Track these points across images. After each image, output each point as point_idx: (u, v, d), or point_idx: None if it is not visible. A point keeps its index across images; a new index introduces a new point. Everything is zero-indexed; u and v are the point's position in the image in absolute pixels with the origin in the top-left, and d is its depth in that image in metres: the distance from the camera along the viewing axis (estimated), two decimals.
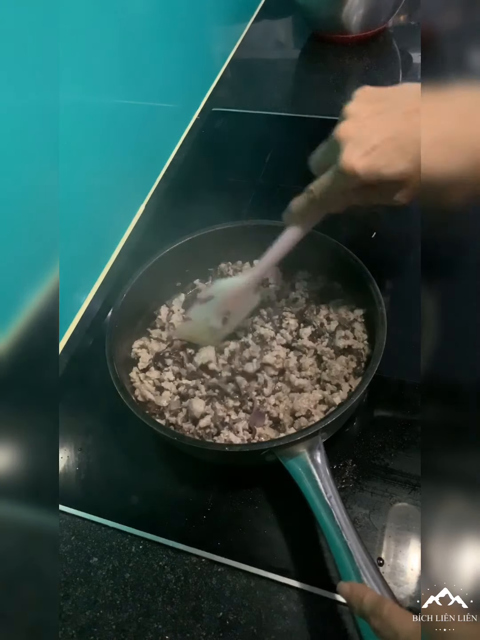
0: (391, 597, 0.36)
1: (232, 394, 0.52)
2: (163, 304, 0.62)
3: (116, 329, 0.52)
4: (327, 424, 0.43)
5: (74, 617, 0.45)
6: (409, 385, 0.55)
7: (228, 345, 0.55)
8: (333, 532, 0.40)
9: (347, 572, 0.38)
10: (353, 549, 0.38)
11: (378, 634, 0.31)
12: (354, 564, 0.38)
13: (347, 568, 0.38)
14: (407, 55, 1.04)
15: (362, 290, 0.52)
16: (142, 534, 0.49)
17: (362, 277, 0.52)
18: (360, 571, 0.37)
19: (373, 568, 0.38)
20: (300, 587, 0.45)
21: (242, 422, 0.50)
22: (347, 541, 0.39)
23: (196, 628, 0.44)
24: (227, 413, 0.51)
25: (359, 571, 0.37)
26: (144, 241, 0.75)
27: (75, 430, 0.56)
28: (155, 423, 0.46)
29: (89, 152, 0.64)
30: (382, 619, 0.30)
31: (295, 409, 0.49)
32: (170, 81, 0.84)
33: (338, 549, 0.39)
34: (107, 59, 0.65)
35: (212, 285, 0.56)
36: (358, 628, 0.35)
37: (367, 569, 0.38)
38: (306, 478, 0.42)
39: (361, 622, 0.34)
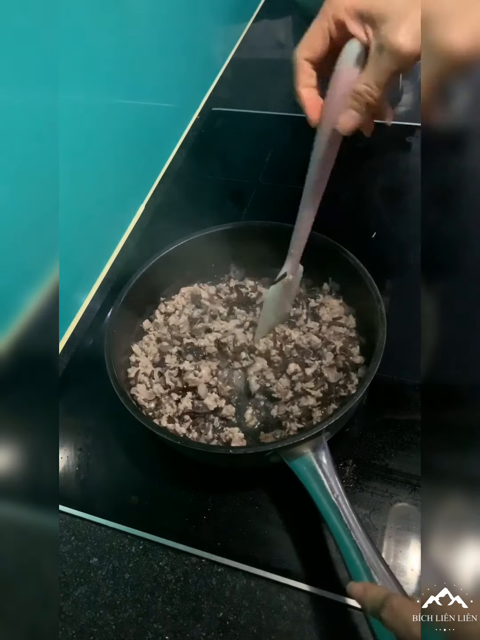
0: (402, 593, 0.36)
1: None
2: (162, 305, 0.62)
3: (114, 333, 0.52)
4: (330, 423, 0.43)
5: (74, 617, 0.45)
6: (409, 385, 0.55)
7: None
8: (341, 531, 0.40)
9: (357, 570, 0.38)
10: (362, 547, 0.38)
11: (390, 627, 0.30)
12: (364, 562, 0.38)
13: (357, 567, 0.38)
14: None
15: (361, 291, 0.52)
16: (142, 534, 0.49)
17: (361, 277, 0.52)
18: (371, 569, 0.37)
19: (383, 566, 0.38)
20: (300, 588, 0.45)
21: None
22: (356, 540, 0.39)
23: (196, 628, 0.44)
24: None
25: (370, 569, 0.37)
26: (144, 241, 0.75)
27: (75, 430, 0.56)
28: (158, 428, 0.46)
29: (88, 152, 0.64)
30: (393, 612, 0.30)
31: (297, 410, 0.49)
32: (170, 81, 0.84)
33: (347, 548, 0.39)
34: (107, 58, 0.65)
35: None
36: (372, 629, 0.35)
37: (377, 566, 0.38)
38: (312, 478, 0.42)
39: (375, 623, 0.34)
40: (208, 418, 0.53)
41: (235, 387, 0.55)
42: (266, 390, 0.54)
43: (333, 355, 0.53)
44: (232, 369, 0.56)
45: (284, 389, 0.52)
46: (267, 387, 0.53)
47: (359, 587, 0.35)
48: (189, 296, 0.62)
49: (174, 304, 0.62)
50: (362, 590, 0.34)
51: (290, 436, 0.48)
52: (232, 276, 0.64)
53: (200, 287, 0.63)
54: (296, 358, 0.54)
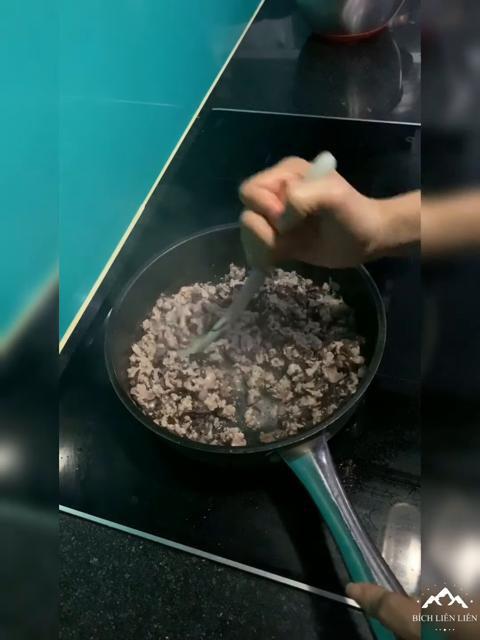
0: (402, 593, 0.36)
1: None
2: (161, 300, 0.62)
3: (114, 333, 0.52)
4: (330, 423, 0.43)
5: (74, 617, 0.45)
6: (409, 385, 0.55)
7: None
8: (341, 531, 0.40)
9: (357, 571, 0.38)
10: (362, 547, 0.38)
11: (388, 626, 0.30)
12: (364, 563, 0.38)
13: (357, 567, 0.38)
14: (407, 55, 1.04)
15: (361, 291, 0.52)
16: (142, 534, 0.49)
17: (361, 277, 0.52)
18: (370, 570, 0.37)
19: (384, 566, 0.38)
20: (300, 588, 0.45)
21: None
22: (356, 540, 0.39)
23: (196, 628, 0.44)
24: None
25: (370, 570, 0.37)
26: (144, 241, 0.75)
27: (75, 430, 0.56)
28: (158, 428, 0.46)
29: (88, 152, 0.64)
30: (390, 611, 0.31)
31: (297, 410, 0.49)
32: (170, 81, 0.84)
33: (347, 549, 0.39)
34: (107, 58, 0.65)
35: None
36: (372, 629, 0.35)
37: (377, 566, 0.38)
38: (312, 478, 0.42)
39: (375, 623, 0.33)
40: (208, 418, 0.53)
41: (236, 387, 0.55)
42: (266, 391, 0.54)
43: (333, 355, 0.53)
44: (233, 369, 0.56)
45: (284, 390, 0.52)
46: (267, 388, 0.53)
47: (358, 587, 0.35)
48: (189, 295, 0.62)
49: (172, 302, 0.62)
50: (361, 590, 0.34)
51: (290, 436, 0.48)
52: (232, 276, 0.64)
53: (200, 286, 0.63)
54: (297, 359, 0.54)
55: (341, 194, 0.37)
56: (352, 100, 0.99)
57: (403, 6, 1.05)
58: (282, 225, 0.39)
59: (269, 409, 0.53)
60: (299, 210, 0.36)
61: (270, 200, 0.39)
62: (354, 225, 0.38)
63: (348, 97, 0.99)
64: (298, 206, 0.36)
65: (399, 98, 0.96)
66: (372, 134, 0.87)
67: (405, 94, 0.96)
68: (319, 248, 0.43)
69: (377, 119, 0.89)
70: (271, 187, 0.39)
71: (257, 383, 0.54)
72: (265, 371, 0.55)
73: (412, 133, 0.84)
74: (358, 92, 1.01)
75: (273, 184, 0.39)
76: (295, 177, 0.39)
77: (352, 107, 0.96)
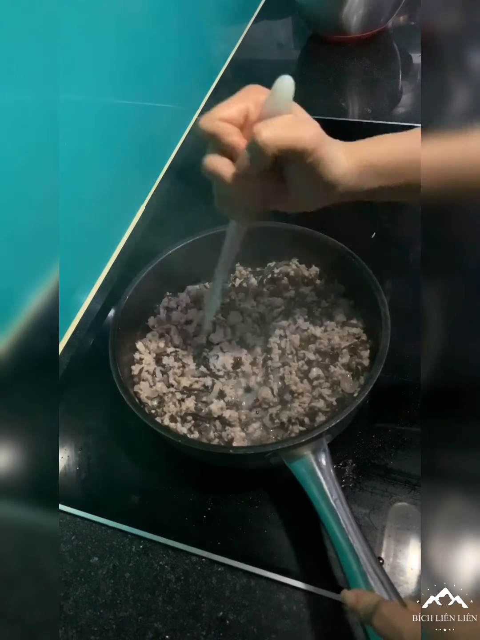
0: (398, 599, 0.36)
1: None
2: (164, 303, 0.62)
3: (119, 329, 0.52)
4: (331, 425, 0.43)
5: (74, 617, 0.45)
6: (409, 385, 0.55)
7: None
8: (339, 534, 0.40)
9: (353, 575, 0.38)
10: (359, 552, 0.38)
11: (381, 634, 0.31)
12: (361, 567, 0.38)
13: (353, 571, 0.38)
14: (407, 55, 1.04)
15: (367, 294, 0.52)
16: (142, 533, 0.49)
17: (366, 280, 0.52)
18: (367, 574, 0.37)
19: (380, 570, 0.38)
20: (300, 587, 0.45)
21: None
22: (353, 544, 0.39)
23: (196, 627, 0.44)
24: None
25: (366, 574, 0.37)
26: (144, 241, 0.75)
27: (75, 430, 0.56)
28: (160, 426, 0.46)
29: (89, 152, 0.64)
30: (383, 619, 0.31)
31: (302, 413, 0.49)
32: (171, 81, 0.84)
33: (344, 552, 0.39)
34: (107, 59, 0.65)
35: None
36: (367, 637, 0.35)
37: (374, 571, 0.37)
38: (311, 480, 0.42)
39: (370, 631, 0.33)
40: (211, 421, 0.53)
41: (245, 393, 0.54)
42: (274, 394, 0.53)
43: (349, 356, 0.53)
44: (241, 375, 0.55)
45: (303, 390, 0.52)
46: (277, 390, 0.53)
47: (352, 595, 0.35)
48: (195, 294, 0.62)
49: (178, 301, 0.61)
50: (355, 598, 0.34)
51: (291, 438, 0.47)
52: (238, 276, 0.64)
53: (205, 287, 0.63)
54: (318, 362, 0.53)
55: (312, 137, 0.34)
56: (352, 101, 0.99)
57: (403, 7, 1.05)
58: (248, 166, 0.35)
59: (272, 411, 0.53)
60: (268, 152, 0.33)
61: (235, 137, 0.35)
62: (322, 169, 0.36)
63: (348, 97, 0.99)
64: (267, 148, 0.33)
65: (399, 98, 0.96)
66: (371, 135, 0.87)
67: (405, 95, 0.96)
68: (282, 191, 0.39)
69: (377, 120, 0.89)
70: (235, 121, 0.36)
71: (263, 386, 0.54)
72: (271, 375, 0.54)
73: None
74: (358, 93, 1.01)
75: (237, 116, 0.36)
76: (257, 108, 0.36)
77: (351, 107, 0.96)
